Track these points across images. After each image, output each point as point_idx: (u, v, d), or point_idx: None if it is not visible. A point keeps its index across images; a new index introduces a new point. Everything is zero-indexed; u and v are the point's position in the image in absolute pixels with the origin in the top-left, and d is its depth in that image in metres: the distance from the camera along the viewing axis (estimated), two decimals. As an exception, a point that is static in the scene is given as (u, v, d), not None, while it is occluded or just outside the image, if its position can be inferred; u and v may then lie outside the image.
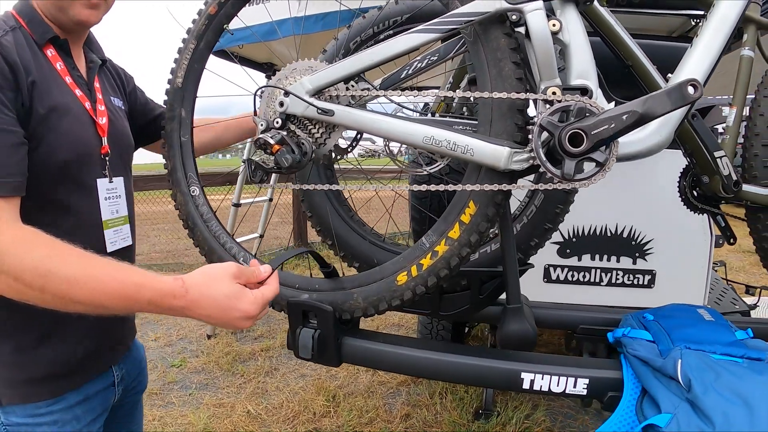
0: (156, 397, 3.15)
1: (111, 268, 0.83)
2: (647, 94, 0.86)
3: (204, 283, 0.84)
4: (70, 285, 0.79)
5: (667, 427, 0.83)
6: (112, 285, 0.80)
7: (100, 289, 0.80)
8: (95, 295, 0.80)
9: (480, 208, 0.94)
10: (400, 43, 0.93)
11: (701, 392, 0.84)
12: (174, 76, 1.21)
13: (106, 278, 0.80)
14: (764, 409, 0.84)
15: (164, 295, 0.82)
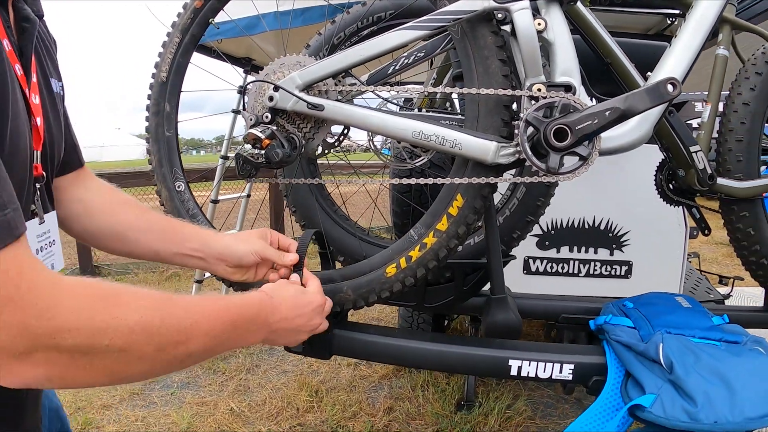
0: (138, 397, 3.11)
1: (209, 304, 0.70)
2: (627, 92, 0.90)
3: (274, 288, 0.86)
4: (186, 337, 0.63)
5: (652, 407, 0.87)
6: (224, 323, 0.69)
7: (208, 333, 0.67)
8: (200, 346, 0.66)
9: (468, 200, 0.97)
10: (390, 39, 0.95)
11: (683, 374, 0.89)
12: (158, 70, 1.20)
13: (208, 317, 0.67)
14: (742, 387, 0.89)
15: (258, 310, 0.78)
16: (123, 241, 0.93)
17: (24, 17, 0.71)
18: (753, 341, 1.05)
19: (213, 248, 0.98)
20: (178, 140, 1.26)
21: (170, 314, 0.61)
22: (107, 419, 2.84)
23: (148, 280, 5.52)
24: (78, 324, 0.52)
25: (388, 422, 2.83)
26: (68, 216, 0.90)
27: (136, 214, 0.95)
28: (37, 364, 0.51)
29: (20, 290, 0.49)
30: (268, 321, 0.79)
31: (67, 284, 0.54)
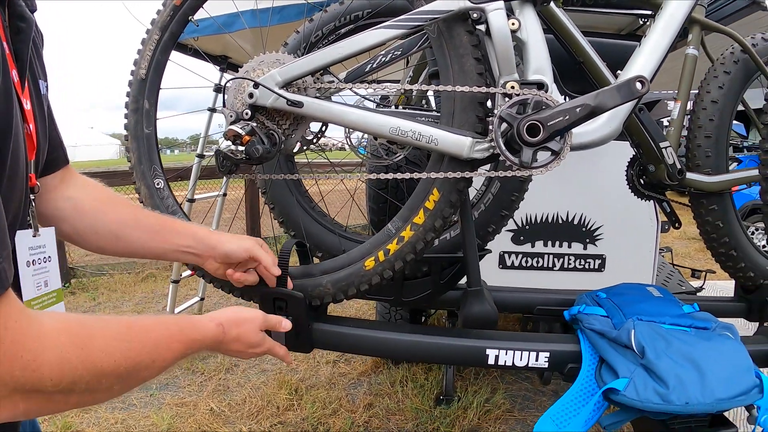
0: (116, 399, 3.06)
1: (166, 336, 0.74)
2: (598, 89, 0.94)
3: (237, 325, 0.90)
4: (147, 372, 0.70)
5: (626, 390, 0.91)
6: (175, 354, 0.74)
7: (163, 365, 0.73)
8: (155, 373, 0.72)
9: (444, 194, 0.99)
10: (369, 38, 0.97)
11: (654, 358, 0.94)
12: (137, 67, 1.20)
13: (168, 354, 0.73)
14: (712, 370, 0.94)
15: (210, 343, 0.85)
16: (116, 239, 0.94)
17: (19, 15, 0.66)
18: (722, 327, 1.10)
19: (206, 244, 1.01)
20: (157, 137, 1.26)
21: (136, 356, 0.66)
22: (86, 422, 2.79)
23: (124, 281, 5.42)
24: (59, 375, 0.55)
25: (368, 418, 2.85)
26: (57, 216, 0.88)
27: (127, 212, 0.96)
28: (17, 404, 0.54)
29: (4, 344, 0.51)
30: (220, 348, 0.89)
31: (50, 334, 0.56)
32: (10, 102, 0.57)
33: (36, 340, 0.54)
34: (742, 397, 0.92)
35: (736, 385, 0.93)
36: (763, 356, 1.19)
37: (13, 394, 0.52)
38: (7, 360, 0.51)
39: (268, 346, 0.98)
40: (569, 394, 0.99)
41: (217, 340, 0.85)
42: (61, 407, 0.59)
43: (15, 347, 0.52)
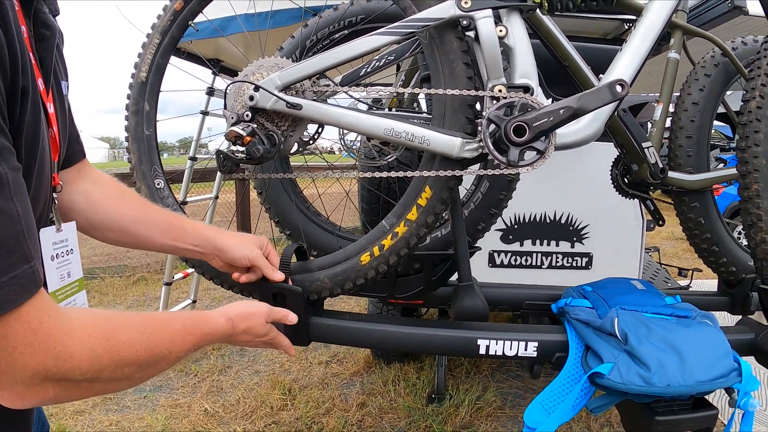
0: (110, 402, 3.07)
1: (182, 330, 0.79)
2: (581, 92, 0.99)
3: (245, 319, 0.95)
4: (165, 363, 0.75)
5: (610, 374, 0.97)
6: (189, 347, 0.79)
7: (178, 356, 0.78)
8: (171, 363, 0.78)
9: (435, 192, 1.05)
10: (364, 44, 1.02)
11: (636, 344, 0.99)
12: (138, 70, 1.24)
13: (183, 346, 0.77)
14: (692, 355, 1.00)
15: (222, 336, 0.91)
16: (125, 233, 0.98)
17: (43, 22, 0.68)
18: (702, 316, 1.16)
19: (213, 245, 1.06)
20: (157, 139, 1.30)
21: (155, 347, 0.71)
22: (81, 424, 2.80)
23: (115, 284, 5.41)
24: (87, 365, 0.61)
25: (361, 417, 2.88)
26: (71, 208, 0.93)
27: (138, 208, 1.00)
28: (45, 391, 0.59)
29: (38, 337, 0.56)
30: (230, 341, 0.96)
31: (78, 328, 0.61)
32: (38, 113, 0.62)
33: (67, 334, 0.58)
34: (722, 379, 0.98)
35: (715, 369, 0.98)
36: (744, 345, 1.24)
37: (45, 382, 0.57)
38: (42, 352, 0.56)
39: (274, 335, 1.03)
40: (557, 381, 1.04)
41: (227, 334, 0.91)
42: (86, 394, 0.64)
43: (49, 341, 0.56)
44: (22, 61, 0.56)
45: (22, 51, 0.56)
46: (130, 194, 1.03)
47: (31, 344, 0.55)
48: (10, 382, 0.55)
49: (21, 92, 0.57)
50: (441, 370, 3.11)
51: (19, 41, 0.56)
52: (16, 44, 0.54)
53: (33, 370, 0.55)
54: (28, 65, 0.58)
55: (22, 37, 0.57)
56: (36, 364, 0.55)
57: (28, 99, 0.58)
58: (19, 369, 0.55)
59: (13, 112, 0.56)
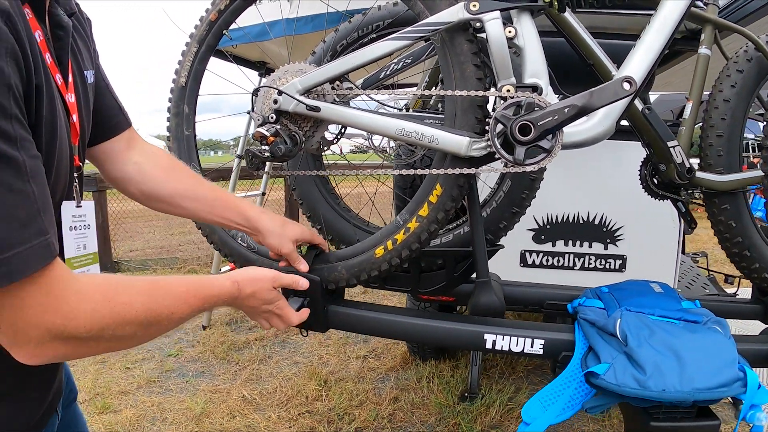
0: (154, 384, 3.27)
1: (184, 292, 0.82)
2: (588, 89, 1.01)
3: (251, 283, 0.97)
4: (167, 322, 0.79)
5: (605, 375, 0.97)
6: (192, 308, 0.83)
7: (181, 317, 0.82)
8: (175, 323, 0.81)
9: (446, 189, 1.09)
10: (377, 49, 1.07)
11: (636, 346, 0.99)
12: (178, 76, 1.35)
13: (185, 307, 0.81)
14: (693, 361, 0.98)
15: (227, 299, 0.93)
16: (174, 205, 1.08)
17: (57, 24, 0.77)
18: (713, 321, 1.13)
19: (253, 225, 1.15)
20: (195, 139, 1.41)
21: (156, 308, 0.76)
22: (124, 404, 3.00)
23: (166, 275, 5.71)
24: (91, 323, 0.67)
25: (393, 411, 2.94)
26: (124, 178, 1.04)
27: (187, 182, 1.10)
28: (55, 348, 0.66)
29: (50, 298, 0.64)
30: (236, 304, 0.97)
31: (84, 290, 0.68)
32: (55, 105, 0.71)
33: (73, 296, 0.66)
34: (723, 389, 0.95)
35: (716, 377, 0.95)
36: (763, 356, 1.20)
37: (55, 340, 0.65)
38: (51, 312, 0.64)
39: (281, 304, 1.05)
40: (558, 379, 1.05)
41: (233, 296, 0.93)
42: (93, 351, 0.72)
43: (58, 302, 0.64)
44: (35, 63, 0.64)
45: (34, 54, 0.64)
46: (180, 167, 1.12)
47: (43, 305, 0.63)
48: (25, 340, 0.64)
49: (36, 90, 0.65)
50: (475, 369, 3.12)
51: (31, 46, 0.64)
52: (28, 51, 0.62)
53: (44, 328, 0.63)
54: (41, 65, 0.66)
55: (35, 43, 0.66)
56: (46, 324, 0.63)
57: (43, 95, 0.66)
58: (32, 328, 0.63)
59: (30, 108, 0.64)
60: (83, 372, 3.38)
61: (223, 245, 1.42)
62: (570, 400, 1.00)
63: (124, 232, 7.16)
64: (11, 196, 0.58)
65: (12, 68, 0.58)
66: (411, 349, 3.59)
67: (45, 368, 0.82)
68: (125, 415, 2.86)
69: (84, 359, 3.57)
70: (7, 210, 0.58)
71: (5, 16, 0.58)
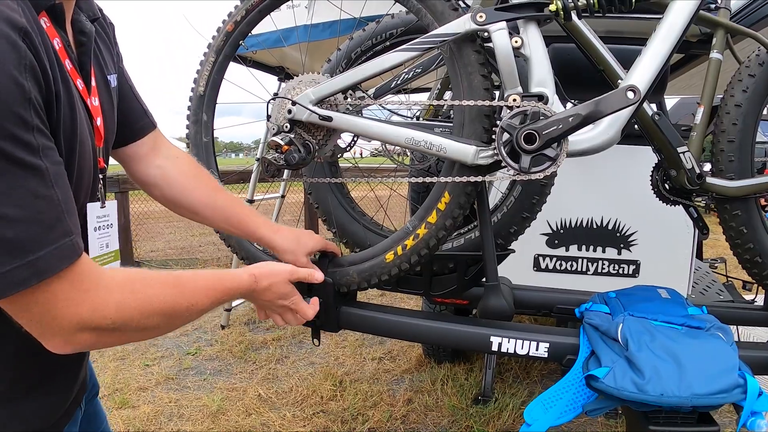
0: (172, 381, 3.36)
1: (204, 285, 0.87)
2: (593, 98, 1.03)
3: (268, 277, 1.00)
4: (187, 314, 0.83)
5: (605, 378, 0.99)
6: (212, 300, 0.87)
7: (202, 308, 0.85)
8: (196, 314, 0.85)
9: (453, 197, 1.12)
10: (387, 60, 1.11)
11: (636, 350, 1.01)
12: (197, 85, 1.40)
13: (206, 300, 0.85)
14: (692, 366, 0.99)
15: (245, 291, 0.97)
16: (193, 213, 1.14)
17: (80, 30, 0.80)
18: (717, 328, 1.14)
19: (266, 245, 1.22)
20: (214, 145, 1.46)
21: (178, 300, 0.80)
22: (143, 400, 3.09)
23: (187, 276, 5.83)
24: (116, 316, 0.71)
25: (406, 412, 2.97)
26: (149, 182, 1.09)
27: (207, 192, 1.14)
28: (84, 338, 0.70)
29: (78, 292, 0.68)
30: (252, 297, 1.01)
31: (110, 284, 0.72)
32: (75, 111, 0.74)
33: (102, 289, 0.71)
34: (722, 395, 0.95)
35: (716, 383, 0.96)
36: None
37: (84, 331, 0.70)
38: (79, 305, 0.68)
39: (296, 299, 1.07)
40: (560, 382, 1.07)
41: (250, 289, 0.97)
42: (119, 340, 0.76)
43: (86, 295, 0.69)
44: (52, 72, 0.67)
45: (51, 64, 0.67)
46: (204, 175, 1.16)
47: (72, 299, 0.67)
48: (55, 332, 0.68)
49: (55, 97, 0.67)
50: (489, 372, 3.13)
51: (49, 57, 0.67)
52: (45, 63, 0.65)
53: (73, 321, 0.68)
54: (58, 73, 0.69)
55: (51, 53, 0.69)
56: (76, 316, 0.68)
57: (62, 101, 0.69)
58: (61, 320, 0.67)
59: (50, 115, 0.67)
60: (103, 368, 3.48)
61: (239, 248, 1.47)
62: (571, 402, 1.02)
63: (145, 233, 7.32)
64: (37, 201, 0.63)
65: (31, 83, 0.61)
66: (426, 352, 3.62)
67: (70, 363, 0.88)
68: (143, 410, 2.94)
69: (104, 356, 3.68)
70: (34, 215, 0.62)
71: (23, 32, 0.61)
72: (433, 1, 1.13)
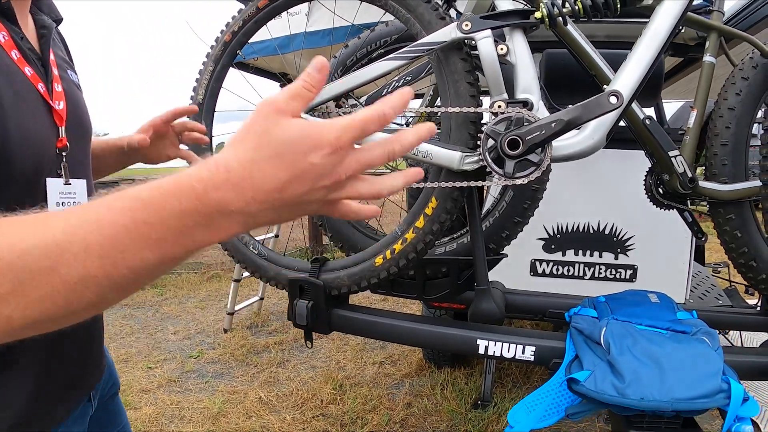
0: (174, 384, 3.39)
1: (95, 208, 0.47)
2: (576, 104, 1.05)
3: (242, 141, 0.48)
4: (57, 258, 0.45)
5: (585, 381, 1.00)
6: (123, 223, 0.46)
7: (100, 239, 0.46)
8: (98, 253, 0.45)
9: (440, 202, 1.14)
10: (376, 69, 1.13)
11: (617, 354, 1.02)
12: (196, 93, 1.44)
13: (93, 224, 0.46)
14: (674, 370, 1.00)
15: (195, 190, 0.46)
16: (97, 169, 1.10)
17: (41, 25, 0.89)
18: (703, 332, 1.13)
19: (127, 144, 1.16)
20: (213, 151, 1.49)
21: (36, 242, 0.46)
22: (145, 401, 3.12)
23: (190, 279, 5.89)
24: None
25: (405, 416, 2.98)
26: None
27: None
28: None
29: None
30: (229, 207, 0.46)
31: None
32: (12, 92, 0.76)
33: None
34: (704, 400, 0.94)
35: (698, 387, 0.95)
36: (759, 368, 1.19)
37: None
38: None
39: (327, 124, 0.49)
40: (544, 386, 1.08)
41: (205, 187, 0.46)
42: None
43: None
44: None
45: None
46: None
47: None
48: None
49: None
50: (489, 377, 3.14)
51: None
52: None
53: None
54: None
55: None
56: None
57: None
58: None
59: None
60: (109, 371, 3.53)
61: (235, 252, 1.49)
62: (554, 405, 1.03)
63: (151, 237, 7.37)
64: None
65: None
66: (426, 356, 3.63)
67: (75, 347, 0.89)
68: (145, 412, 2.97)
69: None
70: None
71: None
72: (421, 11, 1.15)
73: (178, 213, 0.46)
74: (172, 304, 5.07)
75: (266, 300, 4.89)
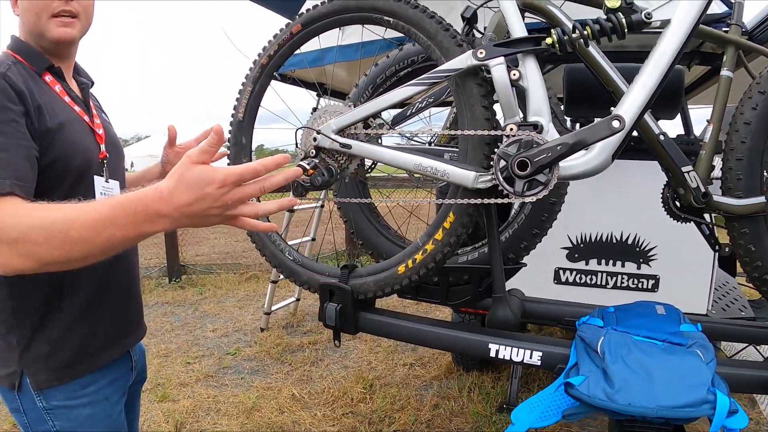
0: (212, 379, 3.58)
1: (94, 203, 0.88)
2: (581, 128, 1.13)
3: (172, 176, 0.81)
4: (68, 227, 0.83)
5: (579, 386, 1.08)
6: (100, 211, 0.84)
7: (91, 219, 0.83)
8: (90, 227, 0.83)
9: (457, 217, 1.25)
10: (399, 94, 1.25)
11: (611, 362, 1.09)
12: (236, 112, 1.58)
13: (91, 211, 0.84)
14: (661, 380, 1.06)
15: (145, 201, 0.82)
16: None
17: (81, 83, 1.33)
18: (698, 346, 1.17)
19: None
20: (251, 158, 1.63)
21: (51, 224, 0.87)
22: (183, 395, 3.32)
23: (229, 279, 6.14)
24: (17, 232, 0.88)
25: (431, 417, 3.08)
26: None
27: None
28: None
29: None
30: (161, 212, 0.81)
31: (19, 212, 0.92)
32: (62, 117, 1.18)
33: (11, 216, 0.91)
34: (689, 409, 0.99)
35: (682, 397, 1.00)
36: (761, 383, 1.23)
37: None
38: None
39: (219, 175, 0.81)
40: (546, 389, 1.16)
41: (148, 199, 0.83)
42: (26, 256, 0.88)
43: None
44: (31, 95, 1.09)
45: (31, 92, 1.11)
46: None
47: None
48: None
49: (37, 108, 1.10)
50: (515, 381, 3.20)
51: (28, 88, 1.11)
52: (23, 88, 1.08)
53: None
54: (48, 98, 1.17)
55: (35, 86, 1.14)
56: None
57: (44, 110, 1.12)
58: None
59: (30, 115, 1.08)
60: (147, 364, 3.75)
61: (272, 257, 1.63)
62: (553, 406, 1.11)
63: (191, 237, 7.70)
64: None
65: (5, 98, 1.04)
66: (455, 360, 3.71)
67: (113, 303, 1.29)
68: (183, 404, 3.17)
69: (149, 353, 3.94)
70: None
71: (3, 76, 1.06)
72: (440, 39, 1.25)
73: (134, 213, 0.82)
74: (211, 303, 5.31)
75: (302, 301, 5.06)
